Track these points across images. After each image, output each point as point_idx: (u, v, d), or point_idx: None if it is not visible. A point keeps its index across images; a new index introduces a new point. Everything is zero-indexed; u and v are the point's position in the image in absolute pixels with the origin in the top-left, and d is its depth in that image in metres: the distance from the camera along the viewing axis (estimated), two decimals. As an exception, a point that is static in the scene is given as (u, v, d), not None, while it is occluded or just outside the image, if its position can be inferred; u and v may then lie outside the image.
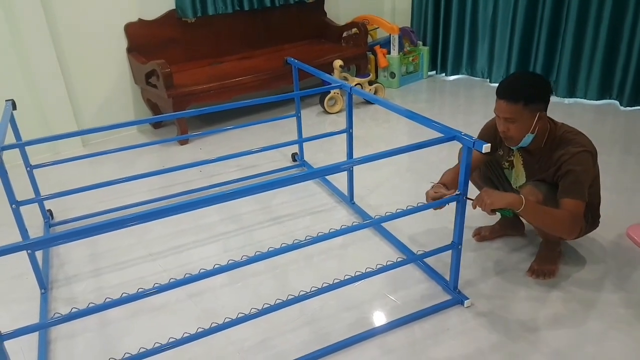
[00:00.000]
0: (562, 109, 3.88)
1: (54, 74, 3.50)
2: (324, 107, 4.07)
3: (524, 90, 1.81)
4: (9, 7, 3.23)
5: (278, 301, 1.70)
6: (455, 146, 1.83)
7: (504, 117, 1.84)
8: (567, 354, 1.71)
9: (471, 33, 4.62)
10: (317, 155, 3.30)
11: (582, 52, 3.91)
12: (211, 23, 4.06)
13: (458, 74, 4.87)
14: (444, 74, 4.94)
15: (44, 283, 2.16)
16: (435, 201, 1.85)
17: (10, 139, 2.19)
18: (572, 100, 4.06)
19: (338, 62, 4.02)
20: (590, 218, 2.01)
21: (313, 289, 1.75)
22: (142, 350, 1.54)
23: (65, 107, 3.61)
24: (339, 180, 2.82)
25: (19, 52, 3.35)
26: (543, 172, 1.94)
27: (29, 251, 2.05)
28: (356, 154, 2.64)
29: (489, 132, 2.07)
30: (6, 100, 2.47)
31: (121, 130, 3.88)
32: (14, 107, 2.47)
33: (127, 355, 1.54)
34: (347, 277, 1.77)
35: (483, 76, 4.70)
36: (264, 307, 1.68)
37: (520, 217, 2.09)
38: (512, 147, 1.99)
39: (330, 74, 3.83)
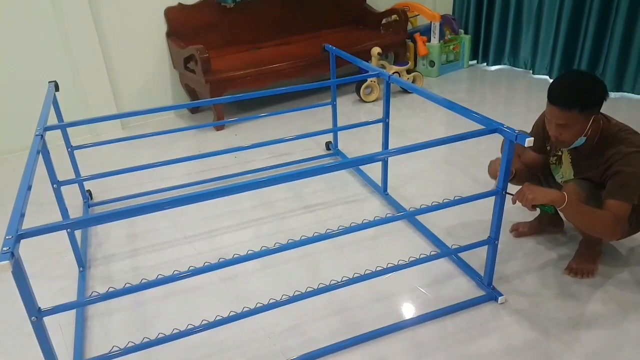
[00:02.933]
0: (607, 103, 3.69)
1: (95, 57, 3.58)
2: (359, 96, 4.03)
3: (580, 96, 1.72)
4: (55, -9, 3.31)
5: (309, 289, 1.70)
6: (495, 139, 1.78)
7: (557, 123, 1.77)
8: (603, 355, 1.65)
9: (515, 22, 4.47)
10: (352, 144, 3.27)
11: (631, 45, 3.74)
12: (249, 8, 4.06)
13: (500, 64, 4.74)
14: (485, 64, 4.81)
15: (82, 261, 2.22)
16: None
17: (52, 119, 2.24)
18: (618, 94, 3.89)
19: (376, 50, 3.96)
20: (635, 221, 1.92)
21: (344, 278, 1.74)
22: (175, 331, 1.57)
23: (106, 90, 3.69)
24: (373, 170, 2.79)
25: (62, 36, 3.44)
26: (592, 170, 1.87)
27: (68, 230, 2.11)
28: (392, 144, 2.61)
29: (539, 130, 2.00)
30: (49, 82, 2.54)
31: (159, 114, 3.95)
32: (57, 88, 2.53)
33: (160, 335, 1.57)
34: (378, 269, 1.75)
35: (526, 67, 4.56)
36: (295, 294, 1.69)
37: (560, 214, 2.02)
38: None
39: (368, 62, 3.78)
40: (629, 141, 1.77)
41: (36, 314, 1.30)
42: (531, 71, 4.49)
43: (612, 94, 3.88)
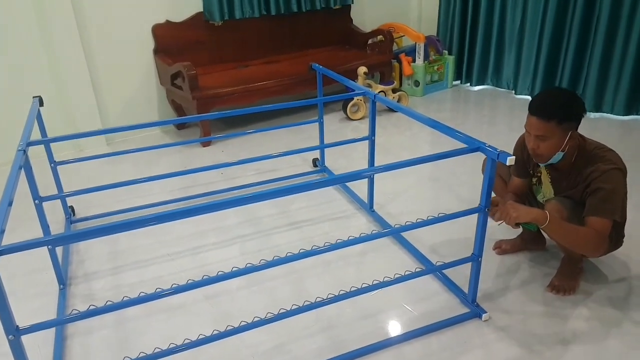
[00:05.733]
0: (587, 123, 3.75)
1: (81, 73, 3.56)
2: (346, 114, 4.07)
3: (559, 108, 1.76)
4: (39, 4, 3.30)
5: (294, 306, 1.69)
6: (479, 157, 1.80)
7: (535, 134, 1.81)
8: (587, 374, 1.66)
9: (498, 43, 4.57)
10: (338, 161, 3.29)
11: (610, 66, 3.84)
12: (238, 27, 4.10)
13: (483, 84, 4.82)
14: (468, 84, 4.89)
15: (62, 279, 2.19)
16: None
17: (36, 135, 2.22)
18: (598, 114, 3.97)
19: (362, 69, 4.01)
20: (615, 237, 1.95)
21: (330, 295, 1.74)
22: (157, 350, 1.54)
23: (91, 105, 3.68)
24: (359, 187, 2.81)
25: (48, 50, 3.43)
26: (571, 189, 1.90)
27: (49, 247, 2.08)
28: (378, 162, 2.63)
29: (518, 151, 2.05)
30: (34, 97, 2.52)
31: (145, 130, 3.93)
32: (41, 103, 2.52)
33: (142, 355, 1.54)
34: (364, 286, 1.75)
35: (508, 87, 4.64)
36: (280, 311, 1.68)
37: (543, 232, 2.05)
38: (539, 164, 1.95)
39: (354, 81, 3.82)
40: (605, 159, 1.81)
41: (14, 333, 1.27)
42: (514, 91, 4.58)
43: (591, 115, 3.97)
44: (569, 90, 1.89)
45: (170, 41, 3.87)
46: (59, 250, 2.33)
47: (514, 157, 1.56)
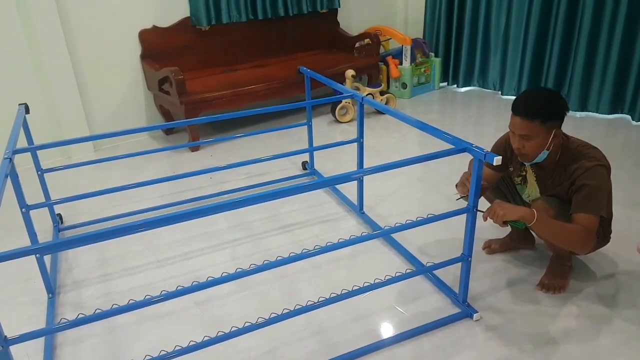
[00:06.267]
0: (573, 122, 3.85)
1: (67, 79, 3.54)
2: (335, 116, 4.07)
3: (542, 107, 1.79)
4: (25, 10, 3.27)
5: (285, 311, 1.69)
6: (467, 157, 1.82)
7: (520, 134, 1.83)
8: (578, 371, 1.68)
9: (483, 45, 4.61)
10: (327, 164, 3.29)
11: (594, 66, 3.89)
12: (225, 31, 4.09)
13: (470, 86, 4.86)
14: (455, 85, 4.93)
15: (51, 287, 2.16)
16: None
17: (22, 142, 2.20)
18: (583, 114, 4.02)
19: (350, 72, 4.02)
20: (602, 234, 1.98)
21: (321, 299, 1.74)
22: (147, 357, 1.54)
23: (78, 112, 3.65)
24: (349, 189, 2.81)
25: (34, 57, 3.39)
26: (557, 187, 1.92)
27: (37, 255, 2.06)
28: (367, 164, 2.64)
29: (500, 148, 2.06)
30: (19, 104, 2.50)
31: (133, 136, 3.91)
32: (27, 111, 2.49)
33: (132, 362, 1.53)
34: (355, 288, 1.76)
35: (495, 88, 4.68)
36: (271, 316, 1.67)
37: (531, 231, 2.06)
38: (524, 163, 1.97)
39: (342, 84, 3.83)
40: (589, 156, 1.84)
41: (2, 343, 1.26)
42: (500, 92, 4.62)
43: (577, 114, 4.02)
44: (551, 90, 1.92)
45: (157, 46, 3.85)
46: (47, 258, 2.30)
47: (500, 157, 1.57)
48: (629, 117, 3.84)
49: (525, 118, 1.79)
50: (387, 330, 1.90)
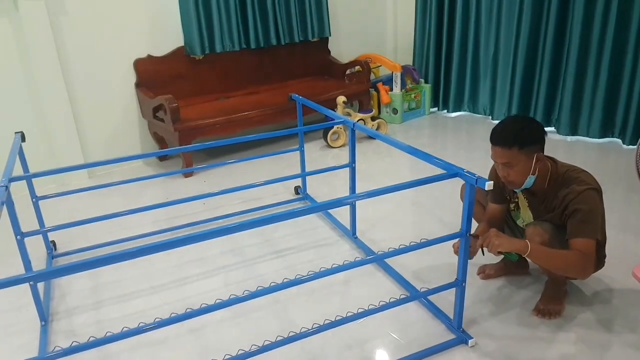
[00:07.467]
0: (564, 147, 3.90)
1: (63, 107, 3.56)
2: (327, 142, 4.11)
3: (517, 134, 1.83)
4: (21, 41, 3.32)
5: (279, 338, 1.68)
6: (458, 182, 1.84)
7: (502, 162, 1.86)
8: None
9: (473, 71, 4.69)
10: (320, 188, 3.31)
11: (583, 90, 3.95)
12: (218, 60, 4.15)
13: (460, 111, 4.92)
14: (445, 111, 4.99)
15: (44, 315, 2.14)
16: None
17: (18, 170, 2.21)
18: (574, 138, 4.07)
19: (341, 98, 4.08)
20: (596, 257, 1.99)
21: (315, 325, 1.73)
22: (140, 386, 1.52)
23: (73, 140, 3.67)
24: (342, 214, 2.82)
25: (30, 85, 3.42)
26: (549, 212, 1.94)
27: (31, 283, 2.04)
28: (359, 188, 2.66)
29: (493, 176, 2.09)
30: (15, 133, 2.51)
31: (127, 163, 3.92)
32: (23, 139, 2.51)
33: (125, 391, 1.52)
34: (349, 314, 1.75)
35: (485, 113, 4.75)
36: (265, 344, 1.66)
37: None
38: (515, 190, 1.99)
39: (334, 109, 3.88)
40: (579, 180, 1.86)
41: (-6, 372, 1.25)
42: (490, 117, 4.68)
43: (568, 138, 4.07)
44: (526, 116, 1.97)
45: (152, 75, 3.90)
46: (40, 286, 2.28)
47: (492, 182, 1.59)
48: (619, 140, 3.89)
49: (503, 146, 1.83)
50: (382, 358, 1.89)
